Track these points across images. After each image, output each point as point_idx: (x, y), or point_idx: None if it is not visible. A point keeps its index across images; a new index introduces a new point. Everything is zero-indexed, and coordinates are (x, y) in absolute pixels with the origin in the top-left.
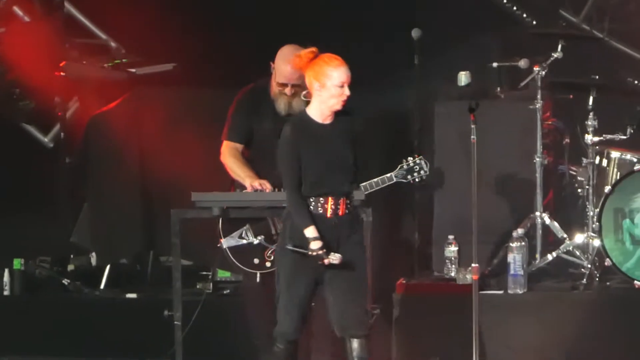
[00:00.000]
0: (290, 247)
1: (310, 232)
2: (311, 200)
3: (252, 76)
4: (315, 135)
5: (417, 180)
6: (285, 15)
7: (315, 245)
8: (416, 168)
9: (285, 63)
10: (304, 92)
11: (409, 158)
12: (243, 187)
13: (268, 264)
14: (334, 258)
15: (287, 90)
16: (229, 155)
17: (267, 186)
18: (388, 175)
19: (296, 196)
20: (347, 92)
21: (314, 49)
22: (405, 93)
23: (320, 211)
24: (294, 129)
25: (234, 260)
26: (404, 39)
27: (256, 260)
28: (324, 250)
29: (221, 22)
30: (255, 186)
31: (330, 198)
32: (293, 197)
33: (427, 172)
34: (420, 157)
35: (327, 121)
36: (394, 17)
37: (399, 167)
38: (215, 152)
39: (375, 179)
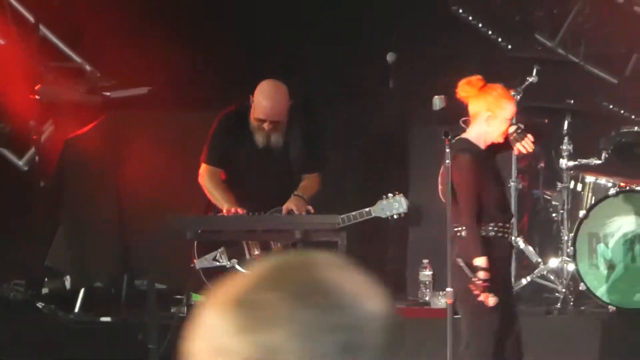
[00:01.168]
0: (461, 263)
1: (482, 261)
2: (492, 226)
3: (230, 99)
4: (488, 163)
5: (395, 217)
6: (262, 39)
7: (482, 275)
8: (395, 205)
9: (265, 99)
10: (462, 119)
11: (389, 194)
12: (219, 211)
13: None
14: (492, 300)
15: (266, 126)
16: (208, 178)
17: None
18: (367, 210)
19: (476, 223)
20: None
21: (480, 76)
22: (380, 116)
23: (506, 236)
24: (474, 159)
25: (206, 282)
26: (380, 62)
27: None
28: (487, 284)
29: (197, 46)
30: (230, 212)
31: (509, 225)
32: (473, 224)
33: (406, 211)
34: (400, 194)
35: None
36: (370, 40)
37: (377, 202)
38: (191, 175)
39: (353, 212)
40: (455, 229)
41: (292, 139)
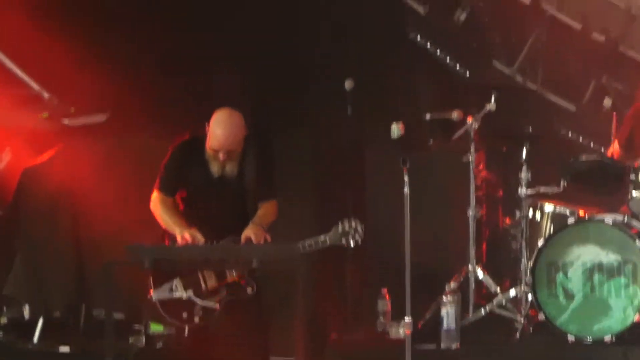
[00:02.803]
0: None
1: None
2: None
3: (189, 126)
4: None
5: (352, 244)
6: (220, 66)
7: None
8: (351, 232)
9: (219, 129)
10: None
11: (344, 220)
12: (175, 238)
13: (196, 319)
14: None
15: (220, 155)
16: (159, 203)
17: (198, 236)
18: (322, 238)
19: None
20: None
21: None
22: (338, 143)
23: None
24: None
25: (163, 313)
26: (338, 89)
27: (185, 315)
28: None
29: (155, 73)
30: (185, 237)
31: None
32: None
33: (362, 236)
34: (356, 220)
35: None
36: (329, 67)
37: (333, 229)
38: (148, 203)
39: (309, 240)
40: None
41: (246, 168)
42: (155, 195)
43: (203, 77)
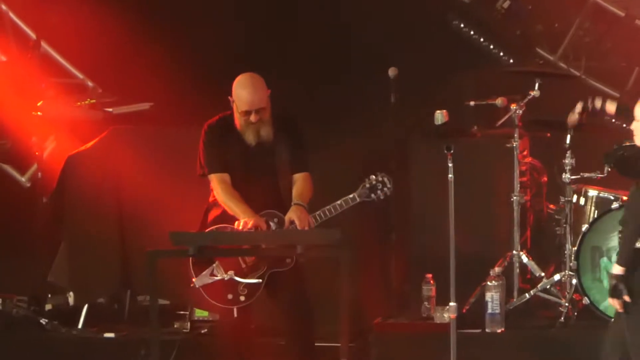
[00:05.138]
0: None
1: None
2: None
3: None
4: None
5: (381, 197)
6: (262, 54)
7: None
8: (379, 185)
9: (243, 89)
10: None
11: (371, 176)
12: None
13: (242, 298)
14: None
15: (252, 117)
16: (222, 192)
17: (263, 225)
18: (351, 196)
19: None
20: None
21: None
22: (382, 131)
23: None
24: None
25: (208, 298)
26: (382, 77)
27: (230, 296)
28: None
29: (198, 61)
30: (247, 224)
31: None
32: None
33: (391, 188)
34: (382, 174)
35: None
36: (372, 55)
37: (361, 186)
38: (192, 190)
39: (337, 202)
40: None
41: (280, 141)
42: (213, 181)
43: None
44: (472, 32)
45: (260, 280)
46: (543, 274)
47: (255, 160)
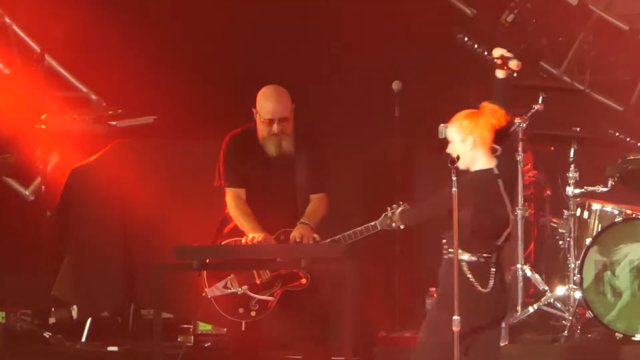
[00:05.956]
0: None
1: None
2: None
3: (235, 128)
4: None
5: (401, 227)
6: (269, 67)
7: None
8: None
9: (267, 99)
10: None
11: (393, 205)
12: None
13: (253, 313)
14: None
15: (275, 128)
16: (235, 207)
17: (272, 242)
18: (372, 223)
19: None
20: None
21: None
22: (387, 145)
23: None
24: None
25: (219, 309)
26: (385, 91)
27: (241, 310)
28: None
29: (203, 75)
30: (253, 240)
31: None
32: None
33: None
34: (404, 203)
35: None
36: (376, 69)
37: (383, 215)
38: (196, 203)
39: (359, 228)
40: None
41: (301, 158)
42: (228, 196)
43: (252, 81)
44: (476, 46)
45: (273, 298)
46: (547, 288)
47: (275, 172)
